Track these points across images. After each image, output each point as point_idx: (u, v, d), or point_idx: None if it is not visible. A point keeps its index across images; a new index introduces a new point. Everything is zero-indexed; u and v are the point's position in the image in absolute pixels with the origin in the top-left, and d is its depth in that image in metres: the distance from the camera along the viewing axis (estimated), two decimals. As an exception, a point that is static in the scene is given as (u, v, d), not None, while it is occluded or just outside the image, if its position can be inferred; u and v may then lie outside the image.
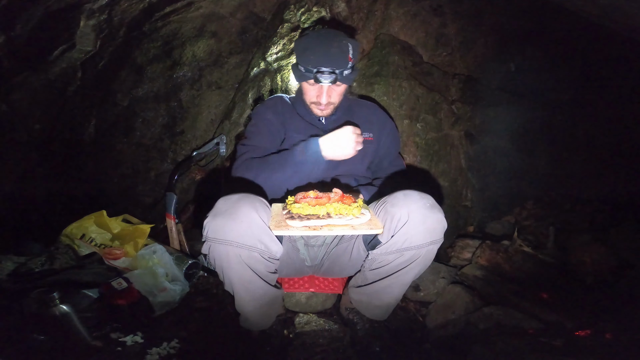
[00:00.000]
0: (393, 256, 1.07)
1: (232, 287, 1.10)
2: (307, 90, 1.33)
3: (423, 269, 1.12)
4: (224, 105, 2.11)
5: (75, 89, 1.82)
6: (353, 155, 1.19)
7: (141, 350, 1.20)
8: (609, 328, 1.31)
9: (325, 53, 1.23)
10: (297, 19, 2.05)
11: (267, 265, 1.06)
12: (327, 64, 1.21)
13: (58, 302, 1.15)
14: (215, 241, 0.98)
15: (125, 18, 1.75)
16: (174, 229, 1.76)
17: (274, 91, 2.08)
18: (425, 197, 1.04)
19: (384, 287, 1.16)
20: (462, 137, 2.23)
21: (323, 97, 1.29)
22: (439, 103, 2.15)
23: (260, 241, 1.00)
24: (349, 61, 1.24)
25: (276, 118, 1.39)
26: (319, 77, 1.22)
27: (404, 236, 1.02)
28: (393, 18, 2.15)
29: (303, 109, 1.40)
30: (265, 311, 1.21)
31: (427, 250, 1.05)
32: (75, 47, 1.67)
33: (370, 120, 1.44)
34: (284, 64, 2.08)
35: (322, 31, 1.35)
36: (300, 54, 1.27)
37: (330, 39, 1.26)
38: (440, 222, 1.02)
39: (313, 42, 1.27)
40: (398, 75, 2.06)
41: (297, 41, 1.32)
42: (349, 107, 1.44)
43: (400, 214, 1.01)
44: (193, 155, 1.86)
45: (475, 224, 2.27)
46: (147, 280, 1.44)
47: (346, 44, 1.25)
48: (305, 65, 1.24)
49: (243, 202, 0.99)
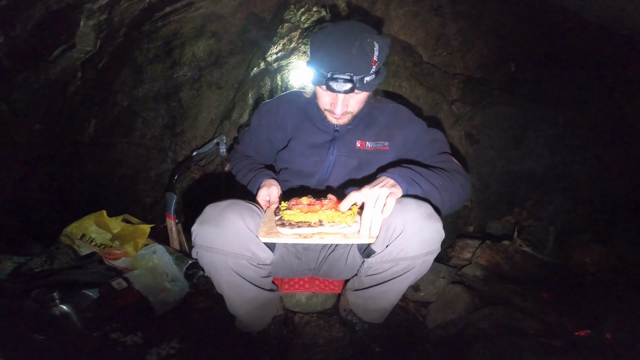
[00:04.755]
0: (388, 265, 1.04)
1: (222, 291, 1.09)
2: (320, 95, 1.15)
3: (419, 276, 1.08)
4: (224, 105, 2.11)
5: (75, 89, 1.82)
6: None
7: (141, 350, 1.20)
8: (609, 328, 1.31)
9: (342, 55, 1.02)
10: (297, 19, 2.05)
11: (257, 271, 1.05)
12: (343, 68, 1.02)
13: (58, 302, 1.16)
14: (202, 248, 0.97)
15: (125, 18, 1.74)
16: (174, 229, 1.75)
17: (273, 91, 2.08)
18: (423, 206, 0.96)
19: (379, 292, 1.13)
20: (462, 137, 2.23)
21: (338, 107, 1.11)
22: (439, 103, 2.15)
23: (247, 249, 0.98)
24: (372, 65, 1.03)
25: (271, 125, 1.30)
26: (332, 85, 1.03)
27: (399, 246, 0.97)
28: (393, 18, 2.15)
29: (316, 113, 1.24)
30: (258, 313, 1.19)
31: (422, 261, 1.00)
32: (75, 47, 1.67)
33: (389, 128, 1.25)
34: (284, 64, 2.08)
35: (342, 25, 1.07)
36: (314, 52, 1.07)
37: (350, 36, 1.03)
38: (437, 233, 0.96)
39: (329, 39, 1.04)
40: (398, 75, 2.06)
41: (313, 35, 1.09)
42: (368, 113, 1.25)
43: (395, 223, 0.95)
44: (193, 155, 1.86)
45: (475, 224, 2.27)
46: (147, 280, 1.44)
47: (371, 43, 1.03)
48: (318, 67, 1.06)
49: (230, 209, 0.96)
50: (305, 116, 1.28)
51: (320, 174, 1.26)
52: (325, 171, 1.26)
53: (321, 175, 1.27)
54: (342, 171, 1.25)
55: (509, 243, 1.95)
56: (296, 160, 1.28)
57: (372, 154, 1.24)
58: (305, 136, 1.26)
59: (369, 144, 1.24)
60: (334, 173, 1.26)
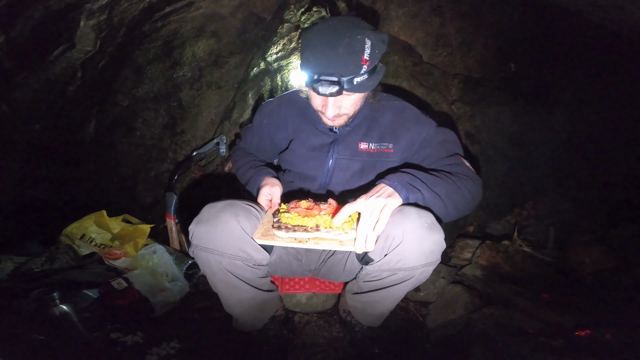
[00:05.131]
0: (386, 273, 1.02)
1: (217, 290, 1.09)
2: (312, 97, 1.08)
3: (418, 284, 1.07)
4: (224, 105, 2.10)
5: (75, 89, 1.82)
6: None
7: (141, 350, 1.20)
8: (609, 328, 1.31)
9: (328, 55, 0.94)
10: (297, 19, 2.05)
11: (254, 272, 1.04)
12: (329, 69, 0.95)
13: (58, 302, 1.16)
14: (198, 248, 0.97)
15: (125, 18, 1.74)
16: (174, 229, 1.76)
17: (273, 91, 2.08)
18: (424, 216, 0.92)
19: (377, 298, 1.13)
20: (462, 137, 2.23)
21: (329, 110, 1.04)
22: (439, 103, 2.15)
23: (241, 250, 0.97)
24: (362, 65, 0.96)
25: (273, 124, 1.27)
26: (318, 88, 0.96)
27: (398, 256, 0.94)
28: (393, 18, 2.15)
29: (314, 115, 1.19)
30: (255, 313, 1.19)
31: (421, 272, 0.98)
32: (75, 47, 1.67)
33: (393, 128, 1.18)
34: (284, 64, 2.08)
35: (331, 21, 0.99)
36: (302, 51, 1.01)
37: (338, 33, 0.94)
38: (437, 244, 0.93)
39: (316, 37, 0.97)
40: (398, 75, 2.06)
41: (303, 33, 1.02)
42: (370, 113, 1.19)
43: (394, 233, 0.92)
44: (193, 155, 1.86)
45: (475, 224, 2.27)
46: (147, 280, 1.44)
47: (362, 40, 0.94)
48: (305, 68, 1.00)
49: (226, 210, 0.96)
50: (305, 117, 1.23)
51: (321, 178, 1.22)
52: (325, 175, 1.22)
53: (322, 179, 1.23)
54: (343, 175, 1.21)
55: (509, 243, 1.94)
56: (297, 163, 1.25)
57: (375, 156, 1.18)
58: (306, 138, 1.22)
59: (372, 146, 1.18)
60: (335, 177, 1.21)
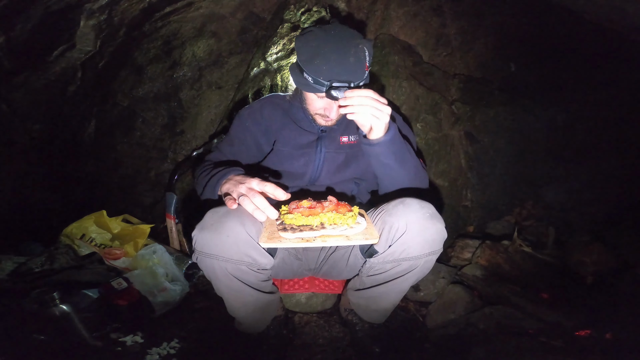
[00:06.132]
0: (390, 265, 1.04)
1: (221, 294, 1.09)
2: (312, 101, 1.17)
3: (421, 276, 1.09)
4: (224, 105, 2.11)
5: (75, 89, 1.82)
6: None
7: (141, 350, 1.20)
8: (609, 328, 1.31)
9: (341, 63, 1.05)
10: (297, 19, 2.05)
11: (257, 276, 1.04)
12: (343, 77, 1.04)
13: (58, 302, 1.16)
14: (202, 254, 0.97)
15: (125, 18, 1.74)
16: (174, 229, 1.75)
17: (273, 91, 2.08)
18: (426, 207, 0.98)
19: (381, 292, 1.14)
20: (462, 137, 2.23)
21: (334, 113, 1.14)
22: (439, 103, 2.15)
23: (247, 255, 0.97)
24: (365, 70, 1.08)
25: (256, 127, 1.29)
26: (333, 94, 1.04)
27: (402, 247, 0.98)
28: (393, 18, 2.15)
29: (301, 115, 1.28)
30: (258, 316, 1.20)
31: (425, 261, 1.02)
32: (75, 47, 1.67)
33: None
34: (284, 64, 2.08)
35: (332, 31, 1.10)
36: (308, 59, 1.07)
37: (345, 43, 1.06)
38: (440, 233, 0.98)
39: (325, 46, 1.06)
40: (398, 75, 2.06)
41: (301, 40, 1.10)
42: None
43: (398, 224, 0.97)
44: (193, 155, 1.86)
45: (475, 224, 2.27)
46: (147, 280, 1.44)
47: (362, 49, 1.07)
48: (315, 75, 1.06)
49: (230, 215, 0.96)
50: (288, 118, 1.30)
51: (311, 173, 1.29)
52: (315, 170, 1.28)
53: (312, 175, 1.29)
54: (331, 168, 1.29)
55: (509, 243, 1.94)
56: (285, 162, 1.29)
57: (356, 147, 1.28)
58: (291, 138, 1.28)
59: (352, 138, 1.29)
60: (324, 171, 1.28)
